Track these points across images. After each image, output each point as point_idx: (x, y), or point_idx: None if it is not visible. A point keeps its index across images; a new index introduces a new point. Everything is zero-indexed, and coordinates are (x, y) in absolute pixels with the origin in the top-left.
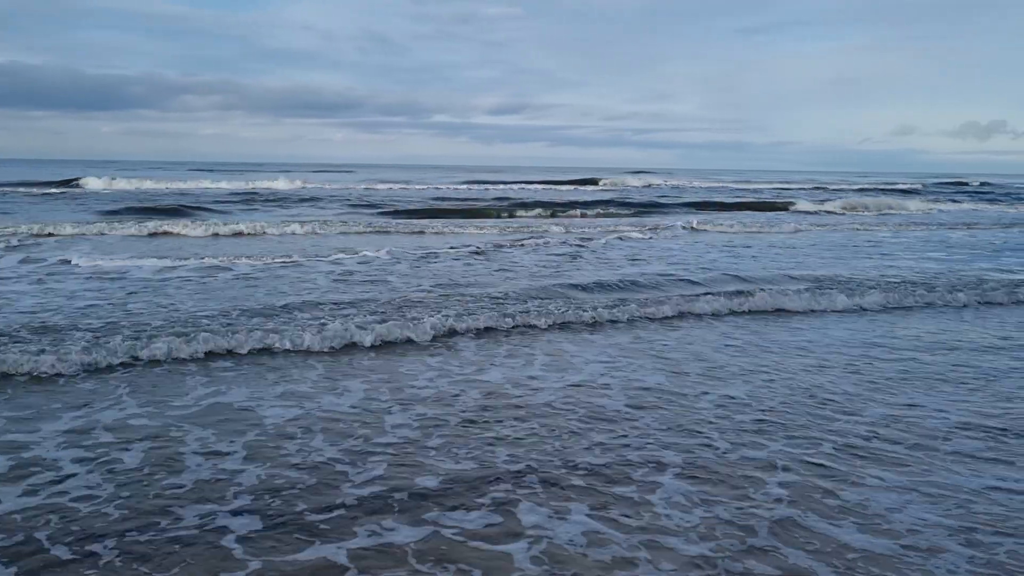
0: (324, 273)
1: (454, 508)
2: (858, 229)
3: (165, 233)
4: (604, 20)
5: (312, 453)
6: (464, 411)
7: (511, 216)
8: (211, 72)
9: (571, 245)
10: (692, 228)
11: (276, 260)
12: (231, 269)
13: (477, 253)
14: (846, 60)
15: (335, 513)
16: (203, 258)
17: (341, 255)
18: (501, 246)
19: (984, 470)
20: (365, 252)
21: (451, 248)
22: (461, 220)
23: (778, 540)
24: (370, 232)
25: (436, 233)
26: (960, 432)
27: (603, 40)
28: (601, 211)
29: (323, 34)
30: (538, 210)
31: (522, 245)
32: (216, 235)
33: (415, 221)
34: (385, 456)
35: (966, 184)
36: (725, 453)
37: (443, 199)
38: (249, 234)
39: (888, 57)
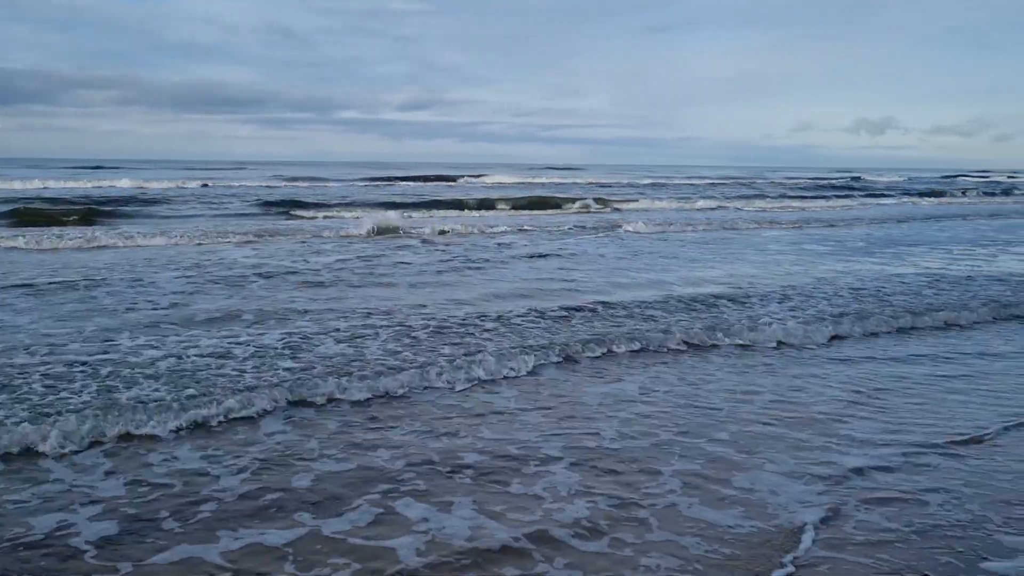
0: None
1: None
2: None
3: None
4: (514, 16)
5: None
6: None
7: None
8: (109, 66)
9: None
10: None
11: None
12: None
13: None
14: (748, 58)
15: None
16: None
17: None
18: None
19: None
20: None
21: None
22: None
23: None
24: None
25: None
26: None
27: (513, 36)
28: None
29: (226, 27)
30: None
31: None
32: None
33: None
34: None
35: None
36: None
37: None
38: None
39: (787, 56)
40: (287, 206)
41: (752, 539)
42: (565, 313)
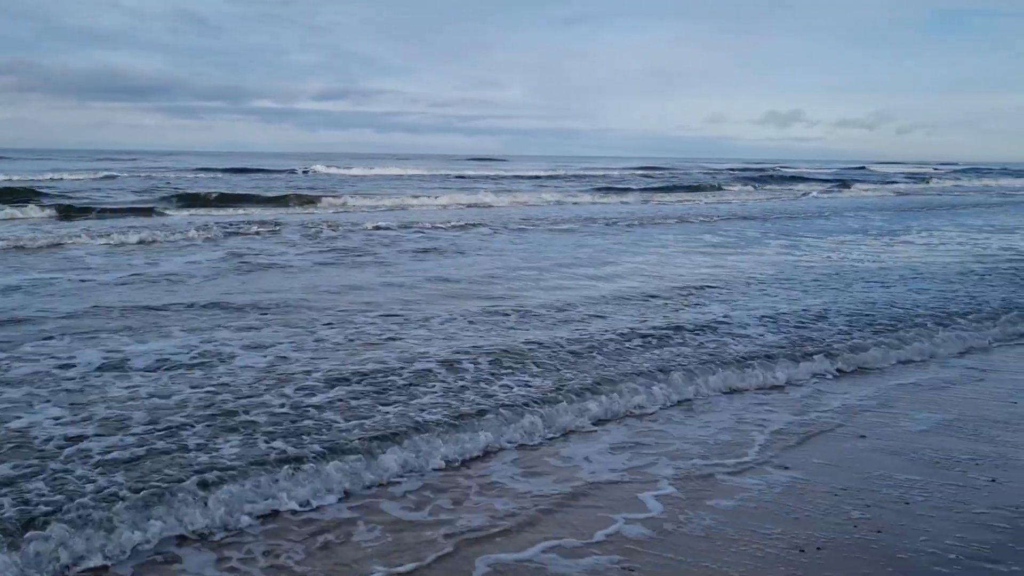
0: None
1: None
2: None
3: None
4: (429, 6)
5: None
6: None
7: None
8: (4, 52)
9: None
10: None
11: None
12: None
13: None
14: (662, 51)
15: None
16: None
17: None
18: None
19: None
20: None
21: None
22: None
23: None
24: None
25: None
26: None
27: (429, 26)
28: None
29: (131, 12)
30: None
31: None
32: None
33: None
34: None
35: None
36: None
37: None
38: None
39: (700, 49)
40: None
41: None
42: None
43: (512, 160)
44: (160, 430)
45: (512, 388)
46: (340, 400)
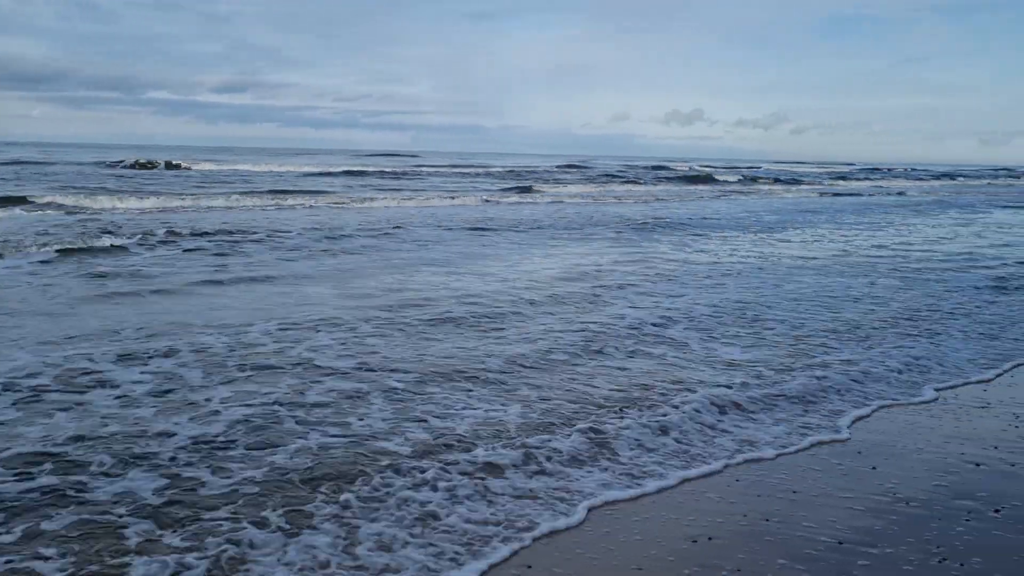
0: None
1: None
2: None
3: None
4: None
5: None
6: None
7: None
8: None
9: None
10: None
11: None
12: None
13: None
14: (568, 48)
15: None
16: None
17: None
18: None
19: None
20: None
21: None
22: None
23: None
24: None
25: None
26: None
27: (334, 18)
28: None
29: None
30: None
31: None
32: None
33: None
34: None
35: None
36: None
37: None
38: None
39: (605, 47)
40: None
41: None
42: None
43: (422, 156)
44: None
45: None
46: None
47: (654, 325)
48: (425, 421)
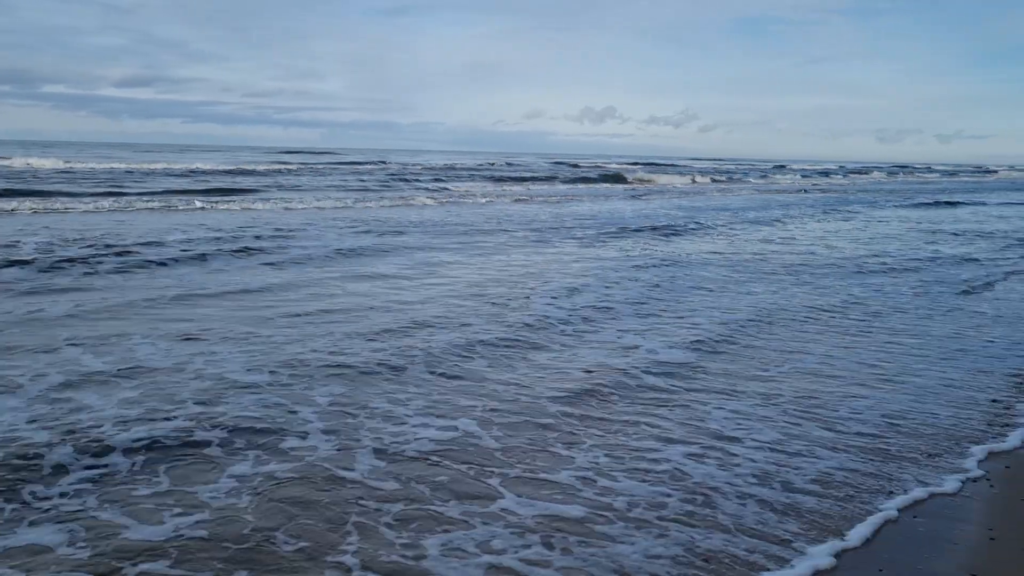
0: None
1: None
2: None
3: None
4: None
5: None
6: None
7: None
8: None
9: None
10: None
11: None
12: None
13: None
14: (483, 46)
15: None
16: None
17: None
18: None
19: None
20: None
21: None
22: None
23: None
24: None
25: None
26: None
27: (243, 12)
28: None
29: None
30: None
31: None
32: None
33: None
34: None
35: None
36: None
37: None
38: None
39: (519, 45)
40: None
41: None
42: None
43: (336, 152)
44: None
45: None
46: None
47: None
48: None
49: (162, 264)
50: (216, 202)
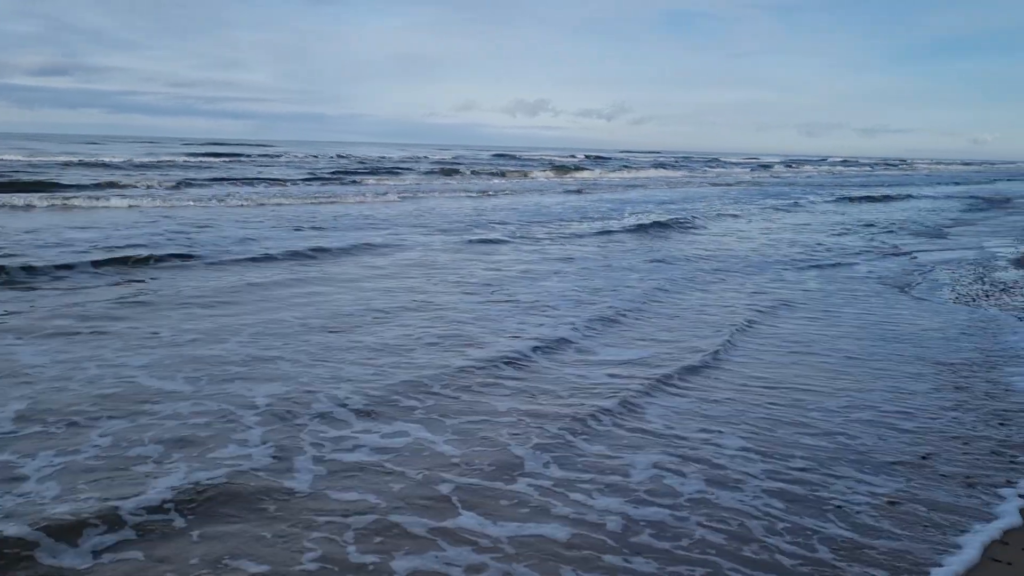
0: None
1: None
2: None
3: None
4: None
5: None
6: None
7: None
8: None
9: None
10: None
11: None
12: None
13: None
14: (413, 36)
15: None
16: None
17: None
18: None
19: None
20: None
21: None
22: None
23: None
24: None
25: None
26: None
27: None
28: None
29: None
30: None
31: None
32: None
33: None
34: None
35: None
36: None
37: None
38: None
39: (450, 36)
40: None
41: None
42: None
43: (264, 145)
44: None
45: None
46: None
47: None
48: None
49: None
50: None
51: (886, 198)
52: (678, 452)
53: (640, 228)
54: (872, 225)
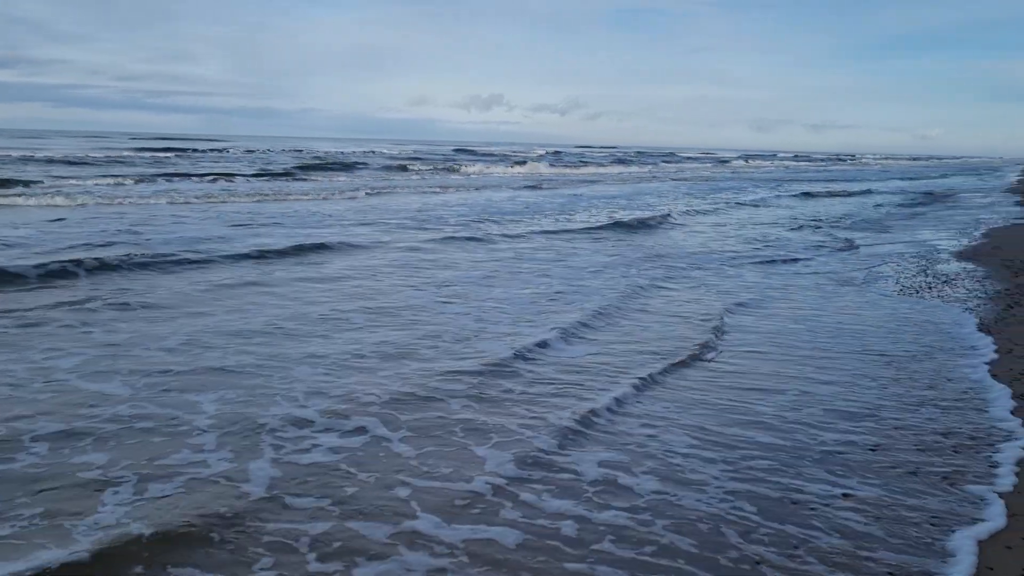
0: None
1: None
2: None
3: None
4: None
5: None
6: None
7: None
8: None
9: None
10: None
11: None
12: None
13: None
14: (366, 30)
15: None
16: None
17: None
18: None
19: None
20: None
21: None
22: None
23: None
24: None
25: None
26: None
27: None
28: None
29: None
30: None
31: None
32: None
33: None
34: None
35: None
36: None
37: None
38: None
39: (404, 31)
40: None
41: None
42: None
43: (217, 140)
44: None
45: None
46: None
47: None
48: None
49: None
50: None
51: (847, 193)
52: (627, 450)
53: (597, 228)
54: (823, 220)
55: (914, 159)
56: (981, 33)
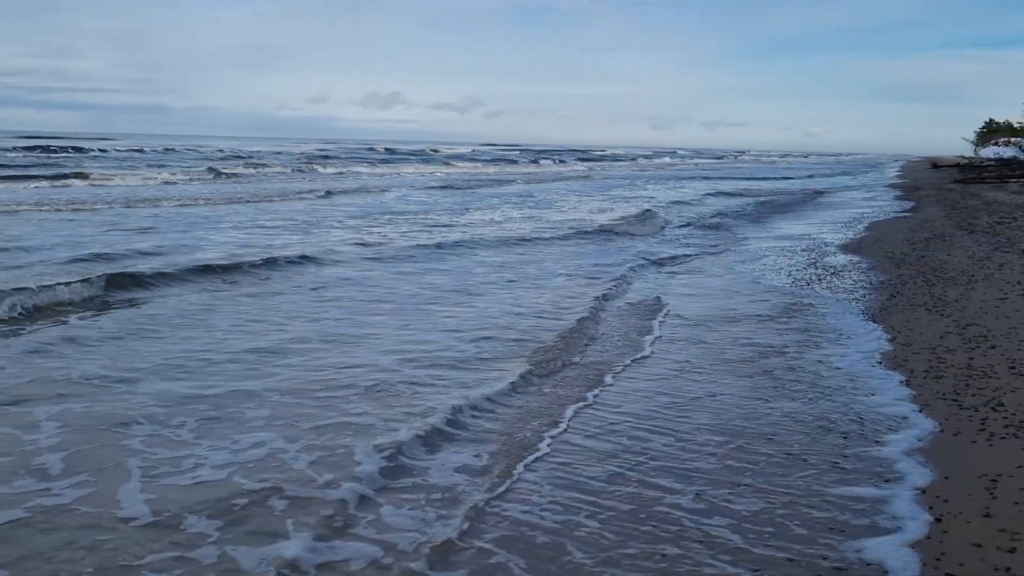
0: None
1: None
2: None
3: None
4: None
5: None
6: None
7: None
8: None
9: None
10: None
11: None
12: None
13: None
14: (261, 26)
15: None
16: None
17: None
18: None
19: None
20: None
21: None
22: None
23: None
24: None
25: None
26: None
27: None
28: None
29: None
30: None
31: None
32: None
33: None
34: None
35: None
36: None
37: None
38: None
39: (301, 26)
40: None
41: None
42: None
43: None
44: None
45: None
46: None
47: None
48: None
49: None
50: None
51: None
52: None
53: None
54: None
55: (805, 156)
56: (866, 35)
